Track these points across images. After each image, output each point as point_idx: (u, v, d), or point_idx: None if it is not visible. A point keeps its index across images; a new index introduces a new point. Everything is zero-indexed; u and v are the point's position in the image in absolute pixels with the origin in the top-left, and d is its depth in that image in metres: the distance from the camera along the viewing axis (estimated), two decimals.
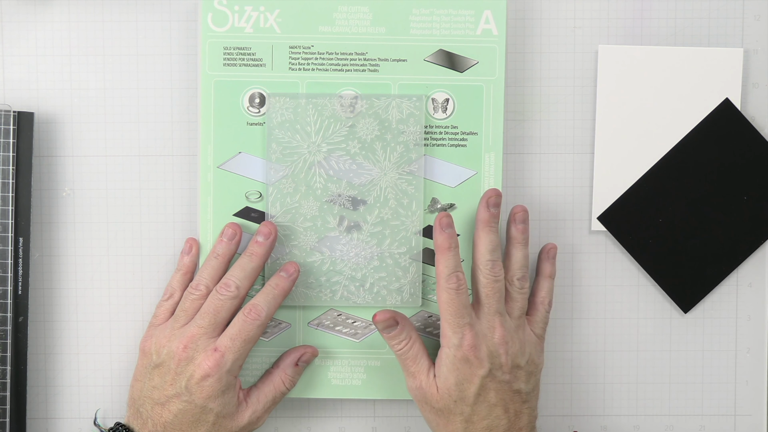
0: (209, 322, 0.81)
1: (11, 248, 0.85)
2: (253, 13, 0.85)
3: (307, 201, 0.85)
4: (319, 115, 0.85)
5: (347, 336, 0.87)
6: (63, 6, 0.88)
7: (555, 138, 0.89)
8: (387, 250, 0.85)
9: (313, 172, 0.85)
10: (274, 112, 0.85)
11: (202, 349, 0.80)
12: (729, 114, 0.82)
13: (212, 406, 0.80)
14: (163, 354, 0.81)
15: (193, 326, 0.81)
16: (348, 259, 0.85)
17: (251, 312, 0.81)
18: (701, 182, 0.85)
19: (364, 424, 0.90)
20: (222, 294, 0.81)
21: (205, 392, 0.79)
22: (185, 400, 0.80)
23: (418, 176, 0.85)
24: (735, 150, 0.85)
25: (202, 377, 0.79)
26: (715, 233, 0.85)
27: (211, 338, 0.80)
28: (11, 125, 0.85)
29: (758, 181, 0.85)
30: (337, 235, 0.85)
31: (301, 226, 0.85)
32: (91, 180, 0.88)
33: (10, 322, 0.86)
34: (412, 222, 0.85)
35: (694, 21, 0.88)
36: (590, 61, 0.88)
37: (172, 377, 0.80)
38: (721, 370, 0.90)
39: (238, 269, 0.82)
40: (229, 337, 0.80)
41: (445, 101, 0.86)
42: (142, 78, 0.88)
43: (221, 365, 0.79)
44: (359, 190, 0.85)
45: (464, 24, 0.85)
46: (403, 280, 0.86)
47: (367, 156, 0.85)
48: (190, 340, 0.80)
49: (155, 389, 0.81)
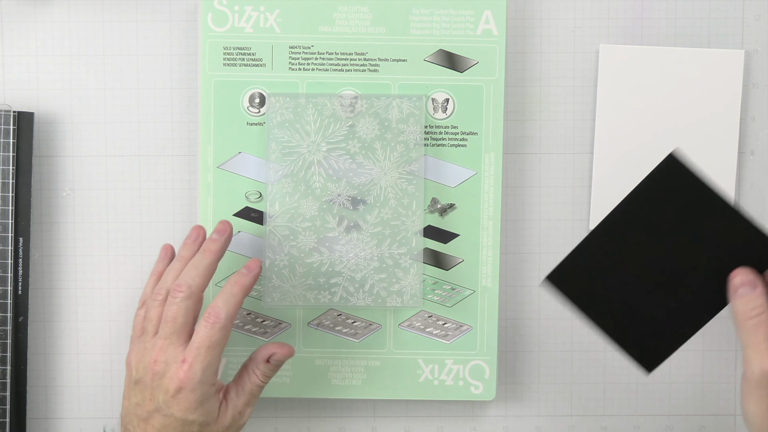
0: (171, 330, 0.77)
1: (11, 248, 0.85)
2: (253, 13, 0.85)
3: (307, 201, 0.85)
4: (319, 114, 0.85)
5: (347, 336, 0.87)
6: (63, 6, 0.88)
7: (555, 138, 0.89)
8: (387, 251, 0.85)
9: (313, 172, 0.85)
10: (273, 111, 0.85)
11: (172, 360, 0.77)
12: (676, 169, 0.73)
13: (193, 417, 0.77)
14: (140, 370, 0.78)
15: (159, 338, 0.78)
16: (347, 260, 0.85)
17: (210, 315, 0.77)
18: (655, 238, 0.75)
19: (364, 424, 0.90)
20: (175, 297, 0.78)
21: (182, 405, 0.76)
22: (165, 414, 0.77)
23: (419, 176, 0.85)
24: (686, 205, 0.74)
25: (176, 390, 0.76)
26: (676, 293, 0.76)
27: (179, 346, 0.77)
28: (11, 125, 0.85)
29: (714, 240, 0.74)
30: (337, 236, 0.85)
31: (300, 227, 0.85)
32: (91, 180, 0.88)
33: (10, 322, 0.86)
34: (413, 222, 0.85)
35: (694, 21, 0.88)
36: (590, 61, 0.88)
37: (150, 393, 0.77)
38: (721, 370, 0.90)
39: (191, 267, 0.79)
40: (195, 347, 0.77)
41: (445, 101, 0.86)
42: (142, 78, 0.88)
43: (191, 377, 0.76)
44: (359, 189, 0.85)
45: (464, 24, 0.85)
46: (403, 281, 0.86)
47: (367, 155, 0.85)
48: (160, 353, 0.77)
49: (138, 406, 0.78)
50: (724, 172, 0.88)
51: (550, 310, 0.89)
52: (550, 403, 0.90)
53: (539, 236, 0.89)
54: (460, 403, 0.90)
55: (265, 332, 0.87)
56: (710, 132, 0.87)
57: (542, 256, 0.89)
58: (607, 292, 0.76)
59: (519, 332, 0.90)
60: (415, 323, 0.87)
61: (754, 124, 0.88)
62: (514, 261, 0.89)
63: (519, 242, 0.89)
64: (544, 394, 0.90)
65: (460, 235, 0.86)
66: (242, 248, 0.86)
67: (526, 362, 0.90)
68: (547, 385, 0.90)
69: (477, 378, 0.87)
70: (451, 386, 0.87)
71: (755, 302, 0.70)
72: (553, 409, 0.90)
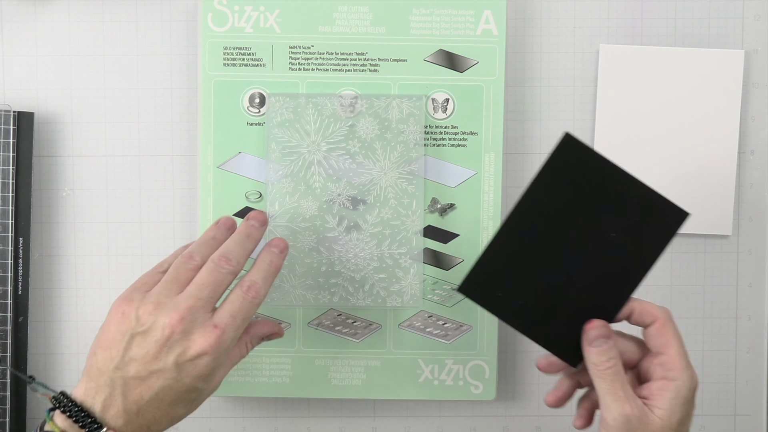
0: (209, 294, 0.73)
1: (11, 248, 0.85)
2: (253, 13, 0.85)
3: (306, 200, 0.85)
4: (319, 114, 0.85)
5: (347, 336, 0.87)
6: (63, 6, 0.88)
7: (555, 138, 0.88)
8: (387, 251, 0.85)
9: (313, 171, 0.85)
10: (273, 111, 0.85)
11: (200, 324, 0.71)
12: (574, 148, 0.73)
13: (202, 386, 0.72)
14: (148, 323, 0.71)
15: (190, 298, 0.72)
16: (347, 260, 0.85)
17: (251, 290, 0.74)
18: (562, 227, 0.74)
19: (364, 424, 0.90)
20: (222, 267, 0.74)
21: (197, 371, 0.71)
22: (171, 378, 0.71)
23: (419, 176, 0.85)
24: (588, 184, 0.74)
25: (198, 355, 0.71)
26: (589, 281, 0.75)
27: (207, 312, 0.72)
28: (11, 125, 0.85)
29: (621, 212, 0.74)
30: (336, 236, 0.85)
31: (300, 226, 0.85)
32: (91, 180, 0.88)
33: (10, 322, 0.86)
34: (413, 222, 0.85)
35: (694, 21, 0.88)
36: (590, 61, 0.88)
37: (158, 350, 0.70)
38: (721, 370, 0.90)
39: (237, 246, 0.76)
40: (230, 315, 0.73)
41: (445, 101, 0.86)
42: (142, 78, 0.88)
43: (221, 343, 0.71)
44: (359, 189, 0.85)
45: (464, 24, 0.85)
46: (403, 281, 0.86)
47: (366, 155, 0.85)
48: (188, 312, 0.71)
49: (133, 362, 0.70)
50: (724, 172, 0.88)
51: None
52: None
53: None
54: (460, 403, 0.90)
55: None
56: (710, 132, 0.88)
57: None
58: (522, 292, 0.75)
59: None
60: (415, 323, 0.87)
61: (754, 124, 0.88)
62: None
63: None
64: (544, 394, 0.90)
65: (460, 235, 0.86)
66: None
67: (526, 362, 0.90)
68: (547, 385, 0.90)
69: (477, 378, 0.87)
70: (451, 386, 0.87)
71: (609, 353, 0.73)
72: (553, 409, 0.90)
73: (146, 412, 0.71)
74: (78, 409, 0.70)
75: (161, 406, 0.71)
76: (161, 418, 0.72)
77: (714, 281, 0.90)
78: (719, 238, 0.89)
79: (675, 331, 0.73)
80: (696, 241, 0.89)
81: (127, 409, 0.70)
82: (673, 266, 0.89)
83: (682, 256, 0.89)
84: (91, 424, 0.69)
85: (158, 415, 0.71)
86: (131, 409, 0.70)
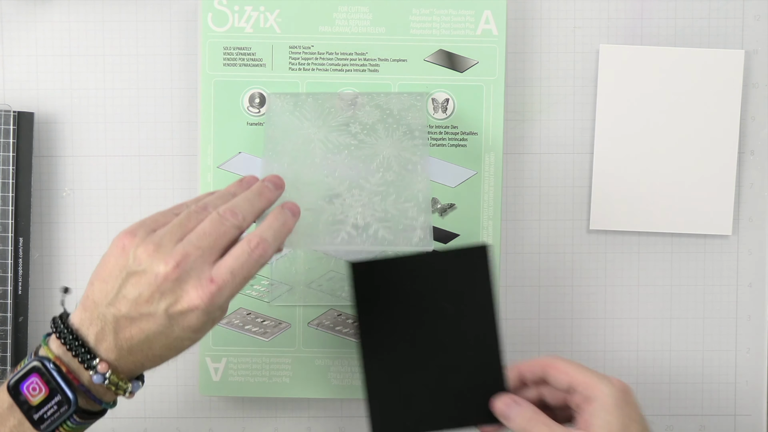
0: (209, 244, 0.68)
1: (11, 248, 0.85)
2: (253, 13, 0.85)
3: (306, 168, 0.80)
4: (319, 106, 0.84)
5: (347, 336, 0.87)
6: (63, 6, 0.88)
7: (555, 138, 0.89)
8: (393, 205, 0.80)
9: (313, 147, 0.82)
10: (273, 112, 0.85)
11: (196, 274, 0.67)
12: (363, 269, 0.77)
13: (194, 336, 0.69)
14: (144, 264, 0.68)
15: (189, 245, 0.68)
16: (350, 208, 0.79)
17: (258, 247, 0.69)
18: (406, 332, 0.77)
19: (364, 424, 0.90)
20: (227, 220, 0.70)
21: (187, 323, 0.68)
22: (161, 325, 0.68)
23: (423, 148, 0.82)
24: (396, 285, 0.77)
25: (188, 308, 0.67)
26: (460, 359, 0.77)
27: (205, 264, 0.68)
28: (11, 125, 0.85)
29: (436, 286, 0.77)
30: (339, 192, 0.79)
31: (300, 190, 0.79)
32: (91, 180, 0.88)
33: (10, 322, 0.86)
34: (419, 181, 0.80)
35: (694, 21, 0.88)
36: (590, 61, 0.88)
37: (150, 294, 0.67)
38: (721, 370, 0.90)
39: (246, 202, 0.72)
40: (229, 271, 0.68)
41: (445, 101, 0.86)
42: (142, 78, 0.88)
43: (214, 300, 0.67)
44: (361, 159, 0.81)
45: (464, 24, 0.85)
46: (413, 222, 0.79)
47: (368, 134, 0.83)
48: (184, 258, 0.67)
49: (125, 300, 0.68)
50: (724, 172, 0.88)
51: (550, 310, 0.89)
52: None
53: (539, 236, 0.89)
54: None
55: (265, 332, 0.87)
56: (710, 132, 0.88)
57: (542, 256, 0.89)
58: (420, 401, 0.77)
59: (519, 332, 0.90)
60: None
61: (754, 124, 0.88)
62: (514, 261, 0.89)
63: (519, 242, 0.89)
64: None
65: (460, 235, 0.86)
66: None
67: None
68: None
69: None
70: None
71: (528, 410, 0.74)
72: None
73: (137, 352, 0.69)
74: (72, 337, 0.68)
75: (153, 349, 0.69)
76: (153, 358, 0.69)
77: (714, 281, 0.90)
78: (719, 238, 0.89)
79: (567, 362, 0.74)
80: (696, 241, 0.89)
81: (118, 346, 0.68)
82: (673, 266, 0.89)
83: (682, 256, 0.89)
84: (84, 354, 0.68)
85: (150, 355, 0.69)
86: (122, 347, 0.68)
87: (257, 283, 0.86)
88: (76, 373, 0.69)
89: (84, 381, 0.69)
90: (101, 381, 0.68)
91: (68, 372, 0.68)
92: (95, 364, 0.68)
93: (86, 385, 0.69)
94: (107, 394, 0.70)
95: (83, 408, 0.70)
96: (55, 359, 0.69)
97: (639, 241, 0.89)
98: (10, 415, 0.69)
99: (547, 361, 0.75)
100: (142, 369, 0.70)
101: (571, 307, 0.89)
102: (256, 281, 0.86)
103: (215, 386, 0.87)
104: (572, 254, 0.89)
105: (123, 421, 0.89)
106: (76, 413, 0.69)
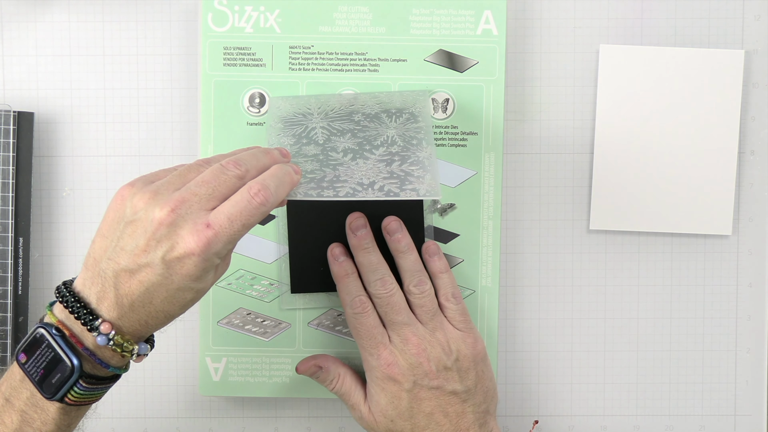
0: (207, 192, 0.67)
1: (11, 248, 0.85)
2: (253, 13, 0.85)
3: (309, 147, 0.80)
4: (321, 105, 0.83)
5: (347, 336, 0.87)
6: (63, 6, 0.88)
7: (555, 138, 0.89)
8: (398, 168, 0.79)
9: (315, 132, 0.81)
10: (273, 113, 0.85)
11: (192, 219, 0.66)
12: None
13: (193, 285, 0.67)
14: (139, 211, 0.66)
15: (186, 191, 0.67)
16: (355, 171, 0.78)
17: (260, 194, 0.68)
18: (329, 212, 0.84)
19: None
20: (229, 170, 0.69)
21: (185, 271, 0.66)
22: (159, 274, 0.66)
23: (427, 129, 0.81)
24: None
25: (185, 254, 0.66)
26: None
27: (202, 209, 0.67)
28: (11, 125, 0.85)
29: None
30: (342, 162, 0.79)
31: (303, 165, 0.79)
32: (91, 180, 0.88)
33: (10, 322, 0.86)
34: (425, 148, 0.80)
35: (694, 21, 0.88)
36: (590, 61, 0.88)
37: (147, 242, 0.66)
38: (721, 370, 0.90)
39: (251, 157, 0.71)
40: (227, 216, 0.66)
41: (445, 101, 0.86)
42: (142, 78, 0.88)
43: (210, 246, 0.66)
44: (365, 138, 0.80)
45: (464, 24, 0.85)
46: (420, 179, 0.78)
47: (372, 120, 0.82)
48: (180, 203, 0.66)
49: (123, 252, 0.67)
50: (724, 172, 0.88)
51: (550, 310, 0.89)
52: (549, 403, 0.90)
53: (539, 236, 0.89)
54: None
55: (265, 332, 0.87)
56: (710, 132, 0.88)
57: (542, 256, 0.89)
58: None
59: (519, 332, 0.90)
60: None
61: (754, 124, 0.88)
62: (514, 261, 0.89)
63: (519, 242, 0.89)
64: (544, 394, 0.90)
65: (460, 235, 0.86)
66: (242, 248, 0.86)
67: (526, 362, 0.90)
68: (547, 385, 0.90)
69: None
70: None
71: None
72: (553, 409, 0.90)
73: (139, 307, 0.67)
74: (74, 300, 0.68)
75: (154, 302, 0.67)
76: (156, 314, 0.68)
77: (714, 281, 0.90)
78: (719, 238, 0.89)
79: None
80: (696, 241, 0.89)
81: (119, 303, 0.67)
82: (673, 266, 0.89)
83: (682, 256, 0.89)
84: (86, 315, 0.67)
85: (152, 311, 0.68)
86: (124, 303, 0.67)
87: (257, 283, 0.86)
88: (79, 336, 0.68)
89: (88, 344, 0.68)
90: (105, 342, 0.67)
91: (71, 336, 0.68)
92: (97, 325, 0.67)
93: (91, 348, 0.68)
94: (114, 358, 0.69)
95: (90, 373, 0.69)
96: (58, 323, 0.68)
97: (639, 241, 0.89)
98: (22, 387, 0.69)
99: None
100: (147, 328, 0.69)
101: (571, 307, 0.89)
102: (256, 281, 0.86)
103: (215, 386, 0.87)
104: (572, 254, 0.89)
105: (123, 421, 0.89)
106: (82, 378, 0.68)
